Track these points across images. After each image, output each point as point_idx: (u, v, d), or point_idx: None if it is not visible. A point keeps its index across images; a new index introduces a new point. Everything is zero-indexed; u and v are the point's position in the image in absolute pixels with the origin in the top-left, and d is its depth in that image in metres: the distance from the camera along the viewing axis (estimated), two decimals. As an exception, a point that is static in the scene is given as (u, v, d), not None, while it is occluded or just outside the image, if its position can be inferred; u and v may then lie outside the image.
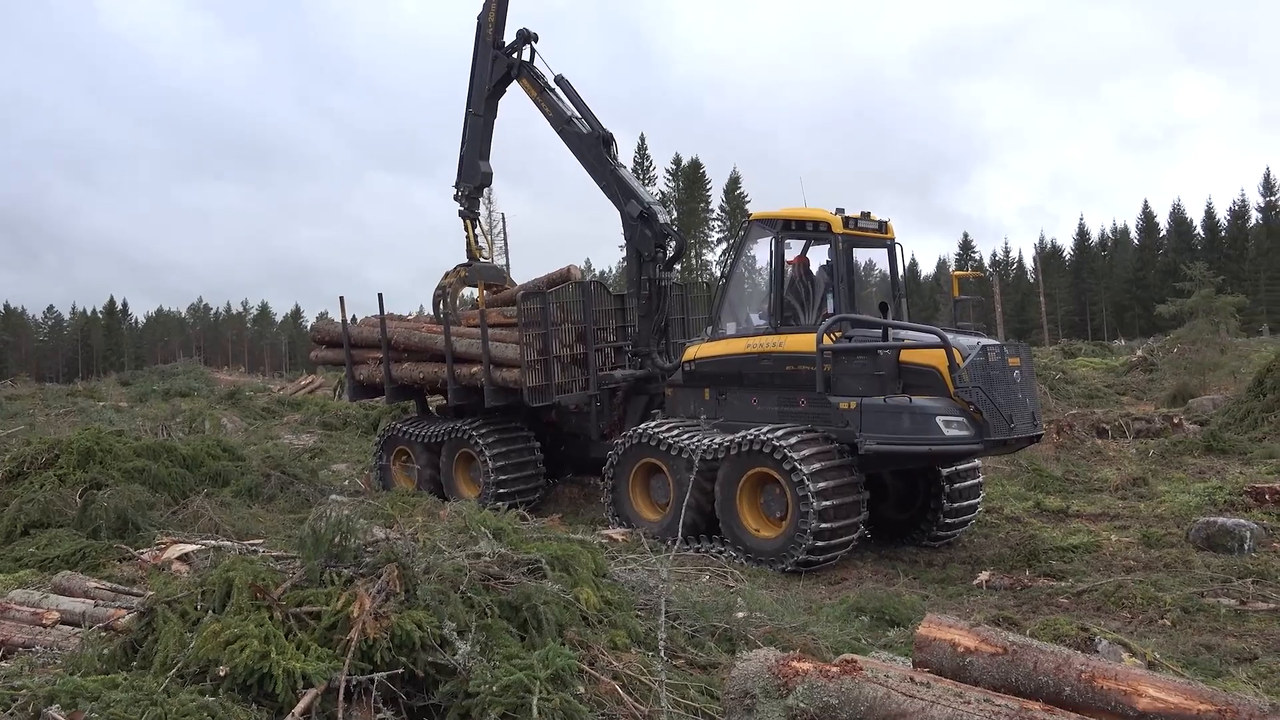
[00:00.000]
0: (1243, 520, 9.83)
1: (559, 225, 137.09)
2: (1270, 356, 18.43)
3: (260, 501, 11.56)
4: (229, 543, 7.75)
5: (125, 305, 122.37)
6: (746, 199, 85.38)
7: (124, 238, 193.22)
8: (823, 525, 9.07)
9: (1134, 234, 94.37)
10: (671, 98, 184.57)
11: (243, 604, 4.27)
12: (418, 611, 4.29)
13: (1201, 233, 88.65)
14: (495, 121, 14.15)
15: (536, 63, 13.42)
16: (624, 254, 13.37)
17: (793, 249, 10.62)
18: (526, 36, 13.45)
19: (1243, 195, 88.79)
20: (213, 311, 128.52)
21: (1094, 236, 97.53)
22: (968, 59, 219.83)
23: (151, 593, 4.74)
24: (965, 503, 10.55)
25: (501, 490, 12.26)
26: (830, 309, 10.19)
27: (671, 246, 12.56)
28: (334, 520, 4.66)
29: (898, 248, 10.83)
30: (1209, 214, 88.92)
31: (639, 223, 12.46)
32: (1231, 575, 8.43)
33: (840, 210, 10.25)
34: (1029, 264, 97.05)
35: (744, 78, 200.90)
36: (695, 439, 10.29)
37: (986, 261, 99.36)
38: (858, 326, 9.98)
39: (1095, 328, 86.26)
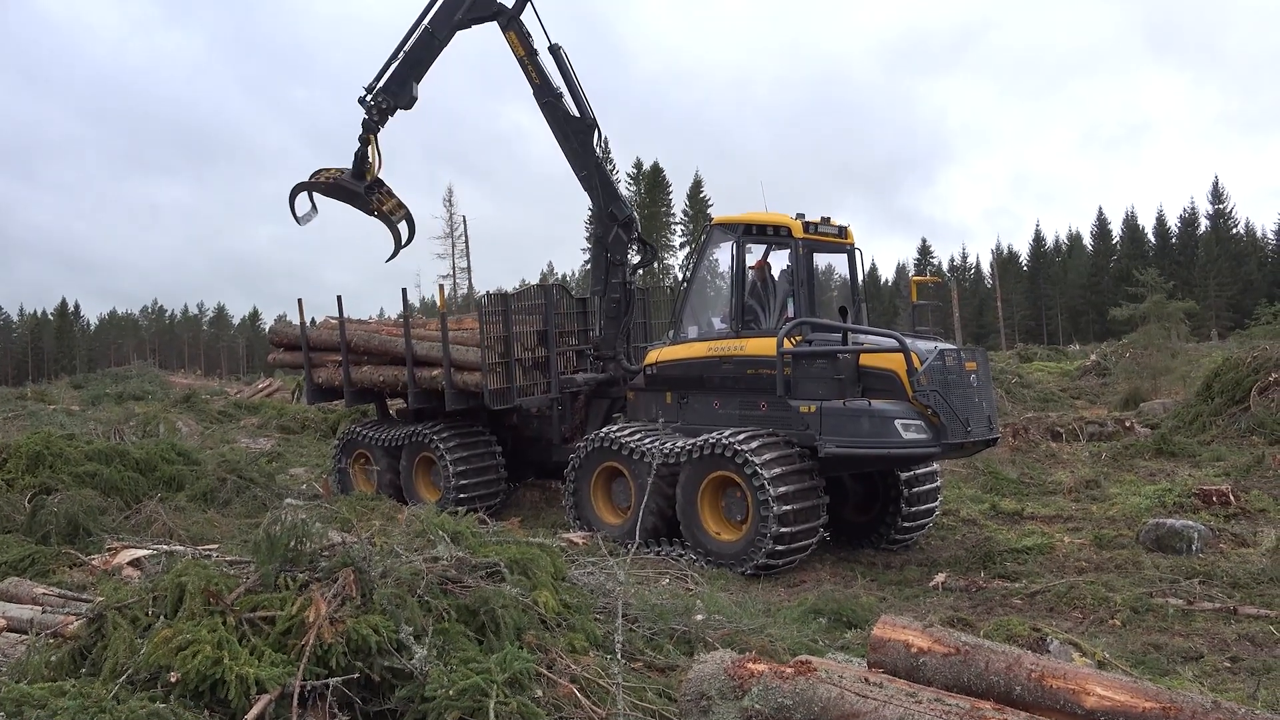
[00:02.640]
0: (1191, 522, 10.05)
1: (519, 225, 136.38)
2: (1218, 361, 18.86)
3: (216, 506, 11.39)
4: (182, 547, 7.63)
5: (77, 307, 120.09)
6: (709, 202, 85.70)
7: (67, 235, 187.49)
8: (783, 529, 9.13)
9: (1088, 240, 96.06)
10: (634, 91, 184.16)
11: (195, 609, 4.22)
12: (374, 616, 4.26)
13: (1153, 239, 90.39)
14: (445, 52, 12.84)
15: (529, 22, 12.32)
16: (586, 256, 13.26)
17: (754, 253, 10.69)
18: None
19: (1192, 203, 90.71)
20: (168, 314, 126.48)
21: (1050, 242, 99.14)
22: (935, 55, 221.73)
23: (101, 598, 4.66)
24: (924, 506, 10.66)
25: (463, 494, 12.16)
26: (790, 313, 10.26)
27: (643, 251, 12.53)
28: (289, 524, 4.62)
29: (857, 253, 10.96)
30: (1160, 221, 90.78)
31: (616, 225, 12.33)
32: (1180, 576, 8.61)
33: (800, 215, 10.33)
34: (986, 269, 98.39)
35: (708, 73, 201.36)
36: (656, 443, 10.31)
37: (945, 266, 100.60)
38: (817, 330, 10.06)
39: (1050, 332, 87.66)
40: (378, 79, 12.69)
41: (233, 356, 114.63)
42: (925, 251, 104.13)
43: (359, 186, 13.35)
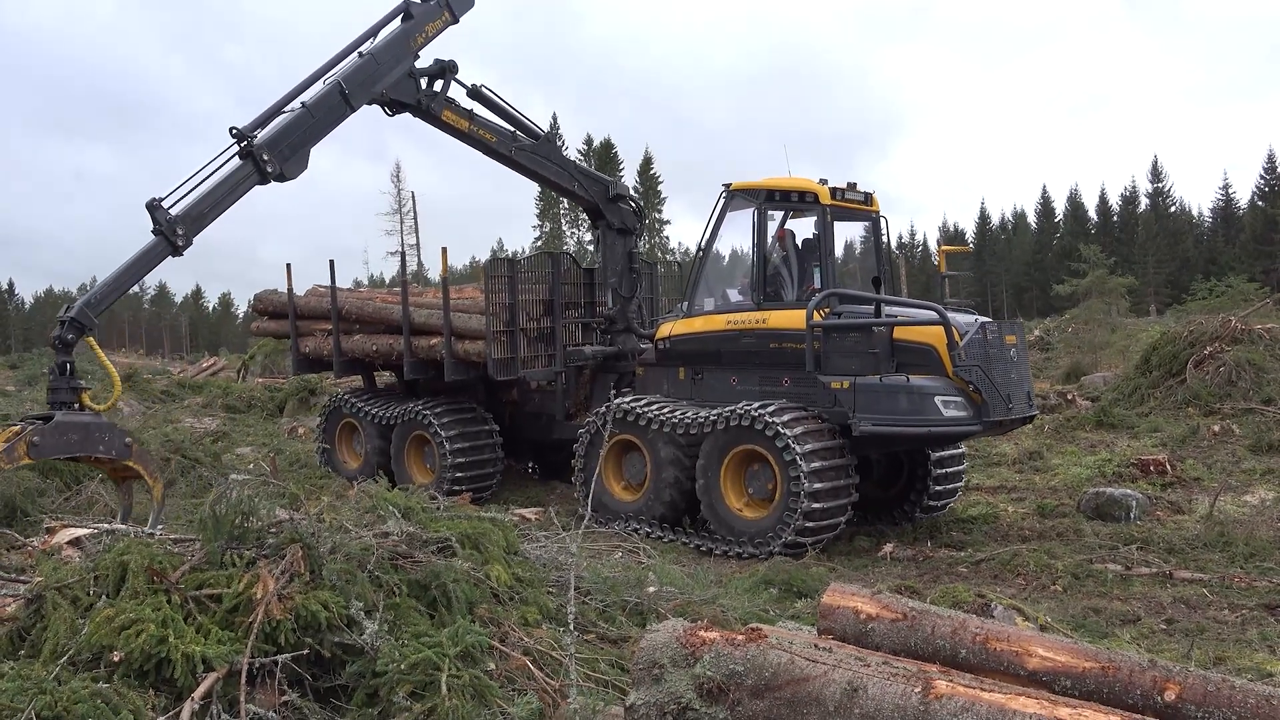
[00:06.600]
0: (1129, 490, 10.35)
1: (468, 197, 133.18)
2: (1156, 336, 19.34)
3: (159, 486, 11.16)
4: (124, 527, 7.47)
5: (11, 285, 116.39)
6: (660, 179, 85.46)
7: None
8: (814, 507, 8.74)
9: (1032, 217, 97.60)
10: (585, 55, 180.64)
11: (138, 588, 4.14)
12: (323, 592, 4.21)
13: (1095, 216, 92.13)
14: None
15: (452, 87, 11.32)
16: (537, 233, 12.93)
17: (773, 220, 10.18)
18: (444, 69, 11.14)
19: (1133, 181, 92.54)
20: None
21: (995, 219, 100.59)
22: (898, 21, 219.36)
23: (40, 579, 4.55)
24: (951, 484, 10.42)
25: (459, 475, 11.69)
26: (816, 284, 9.80)
27: (638, 212, 12.40)
28: (235, 501, 4.54)
29: (883, 220, 10.56)
30: (1102, 198, 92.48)
31: (615, 203, 12.08)
32: (1118, 543, 8.85)
33: (824, 180, 9.87)
34: (933, 246, 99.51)
35: (663, 35, 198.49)
36: (676, 413, 9.83)
37: (893, 244, 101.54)
38: (846, 302, 9.61)
39: (996, 308, 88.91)
40: (259, 125, 9.67)
41: (175, 335, 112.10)
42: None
43: (89, 432, 8.02)
